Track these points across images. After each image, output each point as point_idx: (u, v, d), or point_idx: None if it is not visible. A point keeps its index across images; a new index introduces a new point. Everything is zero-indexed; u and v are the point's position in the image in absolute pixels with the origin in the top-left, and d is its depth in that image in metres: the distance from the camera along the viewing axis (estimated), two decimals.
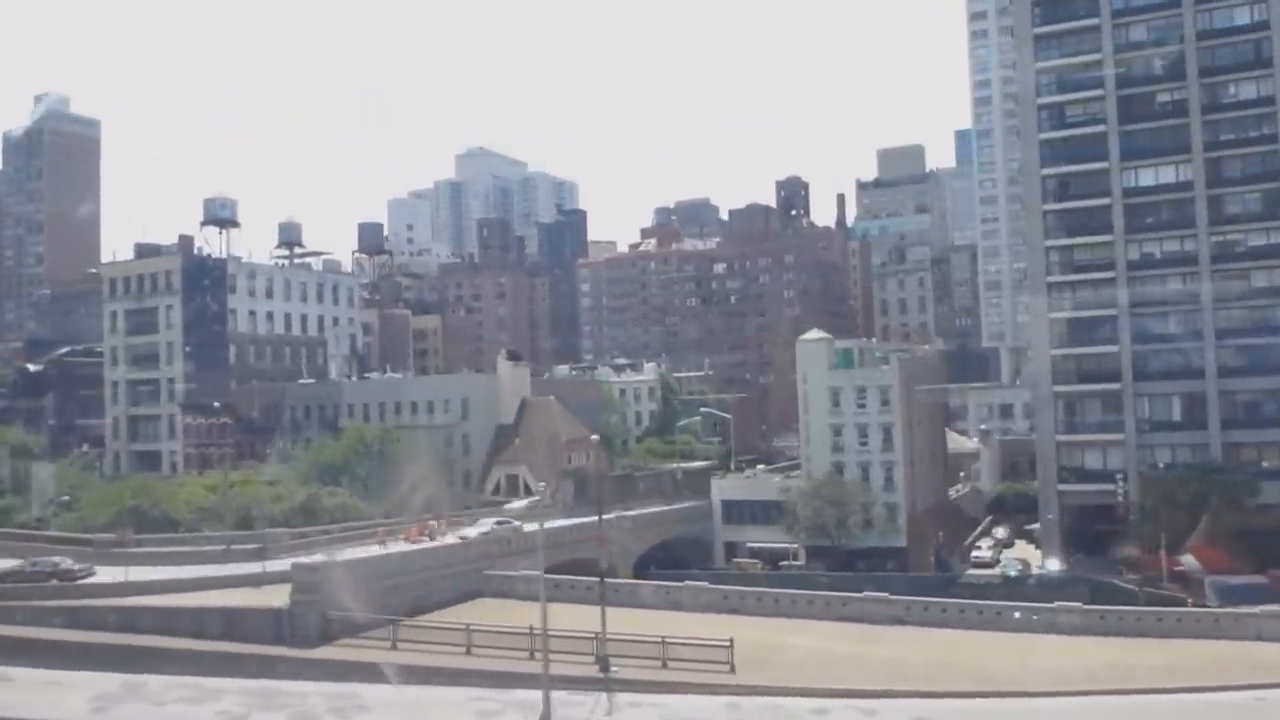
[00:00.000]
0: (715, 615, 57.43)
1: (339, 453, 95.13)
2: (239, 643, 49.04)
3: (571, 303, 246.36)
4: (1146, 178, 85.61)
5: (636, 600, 59.90)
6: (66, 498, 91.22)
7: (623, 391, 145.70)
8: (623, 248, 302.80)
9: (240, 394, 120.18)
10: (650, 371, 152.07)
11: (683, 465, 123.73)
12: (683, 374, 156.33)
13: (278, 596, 51.98)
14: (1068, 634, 53.48)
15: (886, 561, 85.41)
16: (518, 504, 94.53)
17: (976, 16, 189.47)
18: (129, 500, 77.82)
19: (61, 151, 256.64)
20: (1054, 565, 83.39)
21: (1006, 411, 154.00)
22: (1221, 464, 77.97)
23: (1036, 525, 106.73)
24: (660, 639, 47.00)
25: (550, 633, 48.79)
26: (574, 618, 54.84)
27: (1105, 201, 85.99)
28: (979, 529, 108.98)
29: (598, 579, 53.00)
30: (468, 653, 48.23)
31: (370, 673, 46.80)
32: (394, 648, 48.95)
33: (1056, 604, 55.76)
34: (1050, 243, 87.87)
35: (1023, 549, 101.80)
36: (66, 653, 48.79)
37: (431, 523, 78.80)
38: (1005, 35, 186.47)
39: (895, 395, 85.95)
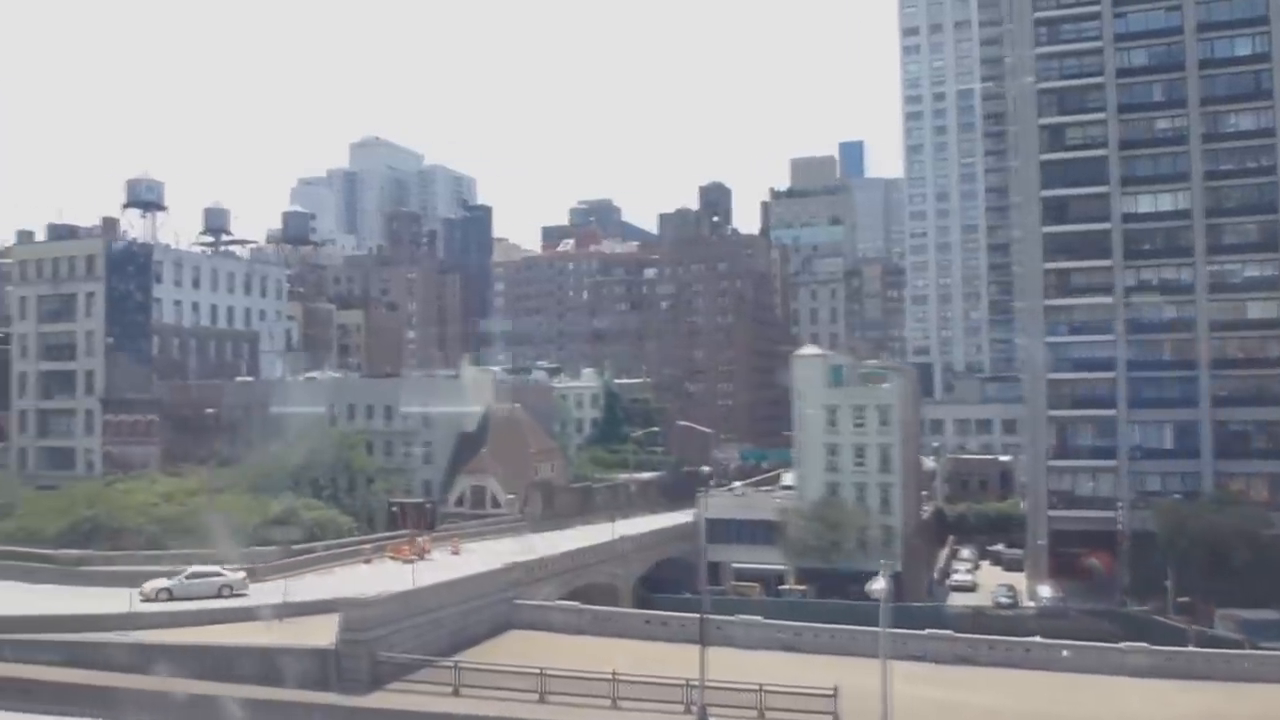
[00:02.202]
0: (771, 653, 53.81)
1: (294, 459, 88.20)
2: (279, 687, 43.16)
3: (483, 302, 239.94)
4: (1145, 204, 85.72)
5: (681, 634, 55.56)
6: None
7: (563, 397, 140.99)
8: (528, 247, 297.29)
9: (167, 390, 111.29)
10: (589, 377, 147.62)
11: (635, 476, 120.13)
12: (621, 380, 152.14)
13: (314, 633, 46.23)
14: (1136, 676, 51.57)
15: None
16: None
17: (909, 32, 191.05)
18: (84, 509, 70.02)
19: None
20: (1045, 593, 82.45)
21: (937, 427, 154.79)
22: (1229, 494, 78.28)
23: (999, 546, 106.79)
24: (757, 686, 43.06)
25: (636, 679, 44.68)
26: (636, 657, 50.77)
27: (1105, 226, 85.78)
28: (945, 551, 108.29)
29: (696, 615, 48.38)
30: (541, 700, 43.42)
31: None
32: (456, 694, 43.78)
33: (1125, 644, 54.03)
34: (1049, 265, 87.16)
35: (990, 572, 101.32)
36: (77, 697, 42.34)
37: (419, 539, 73.45)
38: (937, 51, 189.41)
39: (895, 415, 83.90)
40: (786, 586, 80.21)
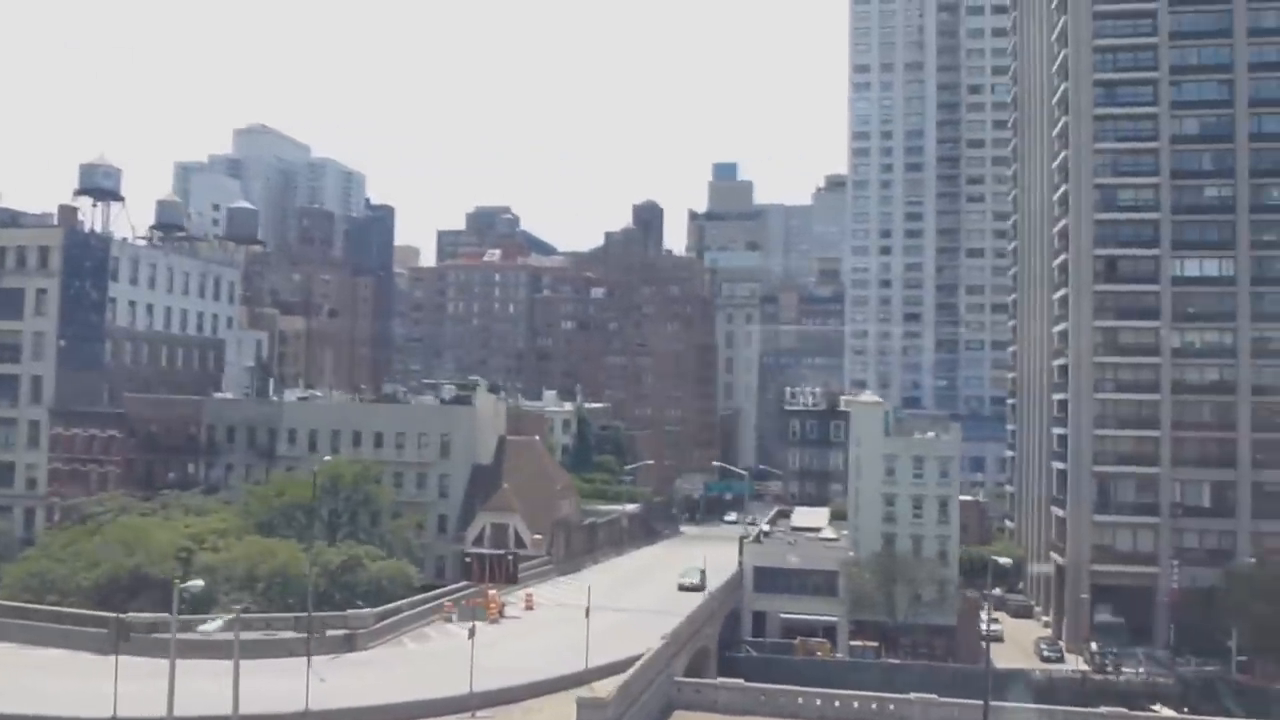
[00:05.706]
0: None
1: (301, 492, 79.73)
2: None
3: (390, 310, 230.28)
4: (1192, 268, 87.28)
5: (860, 714, 52.30)
6: None
7: None
8: (423, 251, 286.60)
9: (130, 402, 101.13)
10: (552, 401, 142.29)
11: (624, 510, 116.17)
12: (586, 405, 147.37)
13: None
14: None
15: (934, 640, 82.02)
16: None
17: (859, 69, 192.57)
18: (125, 558, 61.08)
19: None
20: (1094, 647, 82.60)
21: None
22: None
23: (998, 591, 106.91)
24: None
25: None
26: None
27: (1154, 287, 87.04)
28: None
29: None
30: None
31: None
32: None
33: None
34: (1099, 323, 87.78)
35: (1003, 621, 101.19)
36: None
37: (492, 592, 68.09)
38: (885, 90, 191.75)
39: (955, 466, 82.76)
40: (859, 643, 77.63)
